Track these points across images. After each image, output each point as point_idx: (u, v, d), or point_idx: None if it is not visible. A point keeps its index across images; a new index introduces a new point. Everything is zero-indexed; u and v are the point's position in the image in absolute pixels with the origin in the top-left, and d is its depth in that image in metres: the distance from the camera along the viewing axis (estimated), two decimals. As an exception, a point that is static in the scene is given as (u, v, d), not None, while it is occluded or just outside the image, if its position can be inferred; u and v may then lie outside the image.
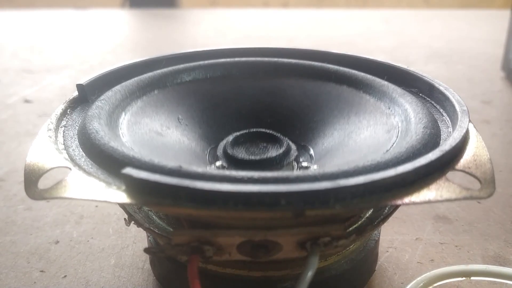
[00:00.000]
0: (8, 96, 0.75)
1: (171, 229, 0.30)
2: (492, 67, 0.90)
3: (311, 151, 0.37)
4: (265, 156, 0.34)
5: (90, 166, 0.27)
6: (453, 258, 0.39)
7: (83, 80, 0.37)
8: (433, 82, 0.37)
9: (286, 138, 0.36)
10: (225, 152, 0.35)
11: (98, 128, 0.30)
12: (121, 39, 1.20)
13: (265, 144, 0.36)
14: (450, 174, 0.26)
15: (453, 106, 0.33)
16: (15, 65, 0.92)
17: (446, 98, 0.34)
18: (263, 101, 0.41)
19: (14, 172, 0.52)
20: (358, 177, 0.23)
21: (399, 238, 0.41)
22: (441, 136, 0.31)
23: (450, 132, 0.32)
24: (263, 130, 0.37)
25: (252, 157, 0.34)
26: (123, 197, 0.23)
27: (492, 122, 0.66)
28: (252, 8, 1.75)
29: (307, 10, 1.62)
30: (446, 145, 0.27)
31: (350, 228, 0.30)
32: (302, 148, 0.38)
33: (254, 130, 0.37)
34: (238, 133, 0.36)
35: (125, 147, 0.27)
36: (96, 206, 0.46)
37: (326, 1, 2.95)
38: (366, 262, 0.35)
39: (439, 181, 0.25)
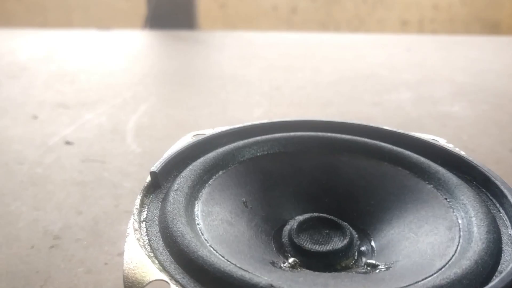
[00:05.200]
0: (48, 136, 0.77)
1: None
2: (517, 108, 0.92)
3: (372, 241, 0.38)
4: (331, 248, 0.36)
5: (182, 276, 0.29)
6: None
7: (155, 167, 0.38)
8: (488, 175, 0.38)
9: (347, 224, 0.38)
10: (291, 241, 0.37)
11: (183, 230, 0.32)
12: (149, 67, 1.23)
13: (327, 231, 0.38)
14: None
15: (512, 206, 0.34)
16: (50, 98, 0.95)
17: (504, 196, 0.36)
18: (319, 179, 0.43)
19: (69, 228, 0.54)
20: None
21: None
22: (502, 238, 0.33)
23: (510, 234, 0.34)
24: (324, 215, 0.39)
25: (319, 249, 0.36)
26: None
27: (524, 175, 0.67)
28: (271, 31, 1.77)
29: (325, 33, 1.64)
30: (518, 266, 0.28)
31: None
32: (361, 233, 0.39)
33: (316, 215, 0.39)
34: (300, 218, 0.38)
35: (214, 257, 0.29)
36: None
37: (335, 9, 2.94)
38: None
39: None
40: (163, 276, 0.29)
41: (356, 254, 0.37)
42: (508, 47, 1.42)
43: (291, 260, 0.35)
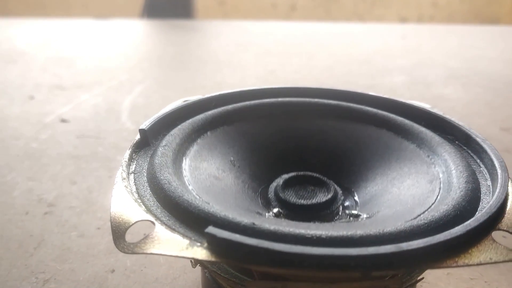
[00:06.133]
0: (44, 115, 0.78)
1: (234, 272, 0.33)
2: (509, 90, 0.93)
3: (356, 196, 0.39)
4: (315, 201, 0.36)
5: (167, 218, 0.30)
6: (483, 294, 0.42)
7: (144, 125, 0.39)
8: (469, 133, 0.39)
9: (332, 182, 0.39)
10: (277, 195, 0.37)
11: (169, 178, 0.32)
12: (145, 53, 1.24)
13: (312, 188, 0.38)
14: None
15: (492, 160, 0.35)
16: (46, 80, 0.95)
17: (484, 151, 0.37)
18: (306, 142, 0.44)
19: (63, 197, 0.55)
20: (417, 241, 0.26)
21: (431, 272, 0.44)
22: (481, 189, 0.34)
23: (489, 185, 0.34)
24: (310, 173, 0.40)
25: (303, 202, 0.36)
26: (208, 255, 0.26)
27: (513, 151, 0.68)
28: (268, 20, 1.78)
29: (321, 23, 1.64)
30: (492, 206, 0.29)
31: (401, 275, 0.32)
32: (346, 190, 0.40)
33: (302, 173, 0.39)
34: (287, 176, 0.39)
35: (199, 201, 0.30)
36: (144, 234, 0.48)
37: (333, 6, 2.95)
38: (407, 300, 0.37)
39: (486, 241, 0.28)
40: (149, 217, 0.30)
41: (340, 208, 0.38)
42: (502, 36, 1.43)
43: (275, 210, 0.36)
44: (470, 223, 0.28)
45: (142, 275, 0.43)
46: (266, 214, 0.36)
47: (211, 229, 0.26)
